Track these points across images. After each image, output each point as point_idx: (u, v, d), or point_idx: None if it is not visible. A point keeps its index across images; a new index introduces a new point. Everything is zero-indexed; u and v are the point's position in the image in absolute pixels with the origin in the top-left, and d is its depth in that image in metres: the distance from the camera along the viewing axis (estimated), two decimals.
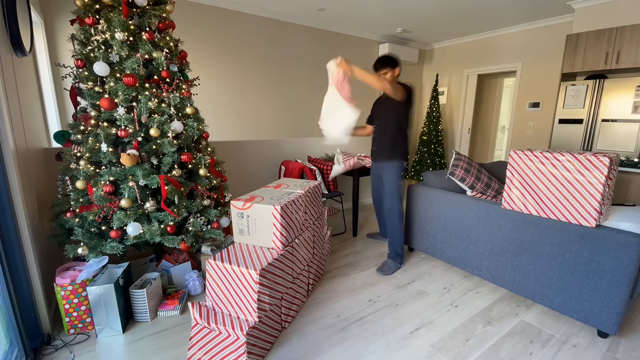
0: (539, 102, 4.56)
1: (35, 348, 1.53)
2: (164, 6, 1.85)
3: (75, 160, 1.79)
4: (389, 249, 2.46)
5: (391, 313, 1.92)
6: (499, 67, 4.96)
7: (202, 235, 1.96)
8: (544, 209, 1.83)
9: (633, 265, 1.52)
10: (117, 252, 1.71)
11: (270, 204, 1.67)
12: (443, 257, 2.42)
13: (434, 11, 4.05)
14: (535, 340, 1.70)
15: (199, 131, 1.98)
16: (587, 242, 1.66)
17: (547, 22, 4.29)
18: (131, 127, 1.73)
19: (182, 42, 2.04)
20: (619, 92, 3.27)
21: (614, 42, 3.24)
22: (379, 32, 5.06)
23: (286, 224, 1.71)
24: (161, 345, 1.62)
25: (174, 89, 1.86)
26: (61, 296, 1.61)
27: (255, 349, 1.48)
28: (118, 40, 1.68)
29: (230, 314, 1.53)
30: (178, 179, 1.82)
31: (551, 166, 1.77)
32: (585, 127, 3.54)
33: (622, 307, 1.58)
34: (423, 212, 2.50)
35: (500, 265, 2.05)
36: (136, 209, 1.72)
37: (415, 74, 6.03)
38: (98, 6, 1.70)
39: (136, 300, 1.76)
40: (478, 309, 1.97)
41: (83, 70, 1.73)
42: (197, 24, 3.64)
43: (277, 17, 4.21)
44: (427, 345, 1.65)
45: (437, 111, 5.74)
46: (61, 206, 1.83)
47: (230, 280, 1.52)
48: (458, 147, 5.79)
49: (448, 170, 2.39)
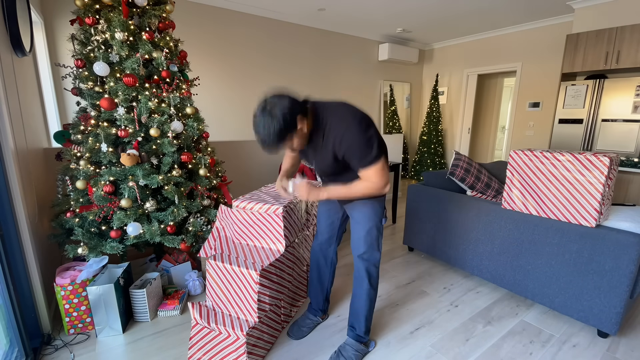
0: (539, 102, 4.56)
1: (35, 348, 1.53)
2: (164, 6, 1.85)
3: (75, 160, 1.79)
4: (355, 324, 1.55)
5: (391, 313, 1.92)
6: (499, 67, 4.96)
7: (202, 235, 1.96)
8: (544, 209, 1.83)
9: (633, 265, 1.52)
10: (117, 252, 1.71)
11: (272, 205, 1.67)
12: (443, 257, 2.42)
13: (434, 11, 4.05)
14: (535, 340, 1.70)
15: (199, 131, 1.98)
16: (587, 242, 1.66)
17: (547, 22, 4.29)
18: (131, 127, 1.73)
19: (182, 42, 2.03)
20: (619, 92, 3.27)
21: (614, 42, 3.24)
22: (379, 32, 5.06)
23: (288, 224, 1.71)
24: (161, 345, 1.62)
25: (174, 89, 1.86)
26: (61, 296, 1.61)
27: (256, 349, 1.48)
28: (118, 40, 1.68)
29: (230, 314, 1.53)
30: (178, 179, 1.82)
31: (551, 166, 1.77)
32: (585, 127, 3.54)
33: (622, 307, 1.58)
34: (423, 212, 2.50)
35: (500, 265, 2.05)
36: (136, 209, 1.72)
37: (415, 74, 6.03)
38: (98, 6, 1.70)
39: (136, 300, 1.76)
40: (478, 308, 1.97)
41: (83, 70, 1.73)
42: (197, 24, 3.64)
43: (277, 17, 4.21)
44: (427, 345, 1.65)
45: (437, 111, 5.74)
46: (61, 206, 1.83)
47: (231, 280, 1.52)
48: (458, 147, 5.79)
49: (448, 170, 2.39)
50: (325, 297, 1.77)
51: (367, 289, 1.50)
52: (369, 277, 1.49)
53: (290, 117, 1.15)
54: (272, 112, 1.14)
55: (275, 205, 1.66)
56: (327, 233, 1.66)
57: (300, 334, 1.70)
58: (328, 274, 1.73)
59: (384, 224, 1.51)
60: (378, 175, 1.27)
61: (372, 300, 1.53)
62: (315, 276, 1.74)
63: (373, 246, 1.48)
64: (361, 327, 1.54)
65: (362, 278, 1.50)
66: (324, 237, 1.68)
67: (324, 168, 1.38)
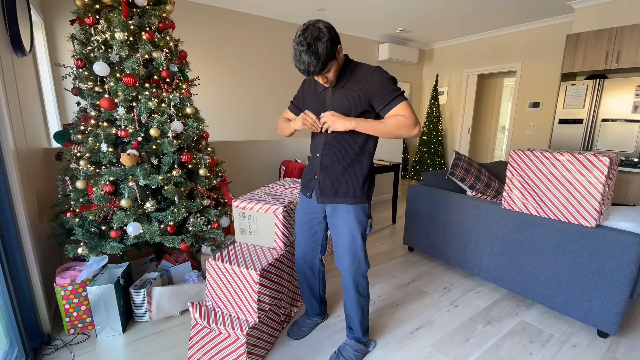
0: (539, 102, 4.56)
1: (35, 348, 1.53)
2: (164, 6, 1.85)
3: (75, 160, 1.79)
4: (352, 326, 1.54)
5: (391, 313, 1.92)
6: (499, 67, 4.96)
7: (202, 235, 1.96)
8: (544, 209, 1.83)
9: (633, 265, 1.52)
10: (117, 252, 1.71)
11: (272, 205, 1.67)
12: (443, 257, 2.42)
13: (434, 11, 4.05)
14: (535, 340, 1.70)
15: (199, 131, 1.98)
16: (587, 242, 1.66)
17: (547, 22, 4.29)
18: (131, 127, 1.73)
19: (182, 42, 2.03)
20: (619, 92, 3.27)
21: (614, 42, 3.24)
22: (379, 32, 5.06)
23: (288, 224, 1.72)
24: (161, 345, 1.62)
25: (174, 89, 1.86)
26: (61, 296, 1.61)
27: (256, 349, 1.48)
28: (118, 40, 1.68)
29: (230, 314, 1.53)
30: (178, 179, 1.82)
31: (551, 166, 1.77)
32: (585, 127, 3.54)
33: (622, 307, 1.58)
34: (423, 212, 2.50)
35: (500, 265, 2.05)
36: (136, 209, 1.72)
37: (415, 74, 6.03)
38: (98, 6, 1.70)
39: (136, 300, 1.76)
40: (478, 308, 1.97)
41: (83, 70, 1.73)
42: (197, 24, 3.64)
43: (277, 17, 4.21)
44: (427, 345, 1.65)
45: (437, 111, 5.74)
46: (61, 206, 1.83)
47: (231, 280, 1.52)
48: (458, 147, 5.79)
49: (448, 170, 2.38)
50: (319, 302, 1.73)
51: (356, 298, 1.47)
52: (356, 286, 1.45)
53: (334, 40, 1.16)
54: (318, 35, 1.13)
55: (275, 205, 1.66)
56: (310, 244, 1.56)
57: (301, 334, 1.70)
58: (317, 283, 1.67)
59: (368, 233, 1.43)
60: (410, 110, 1.25)
61: (363, 307, 1.50)
62: (306, 288, 1.68)
63: (358, 256, 1.41)
64: (358, 331, 1.54)
65: (349, 288, 1.46)
66: (306, 249, 1.57)
67: (339, 111, 1.30)
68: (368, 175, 1.39)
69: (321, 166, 1.38)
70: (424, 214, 2.50)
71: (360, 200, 1.37)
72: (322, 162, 1.38)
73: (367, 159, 1.38)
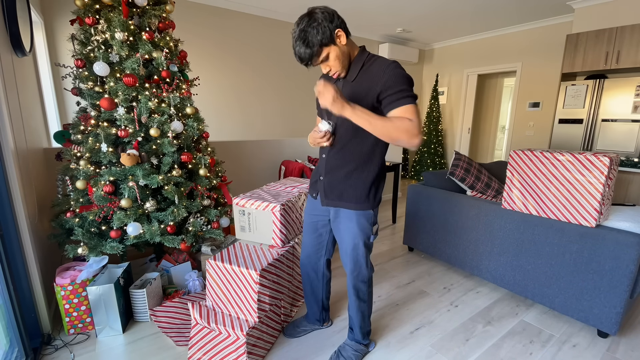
0: (539, 102, 4.56)
1: (35, 348, 1.53)
2: (164, 6, 1.85)
3: (75, 160, 1.79)
4: (353, 327, 1.54)
5: (391, 313, 1.92)
6: (499, 67, 4.96)
7: (202, 235, 1.96)
8: (544, 209, 1.83)
9: (633, 265, 1.52)
10: (117, 252, 1.71)
11: (270, 203, 1.67)
12: (443, 257, 2.42)
13: (434, 11, 4.05)
14: (535, 340, 1.70)
15: (199, 131, 1.98)
16: (587, 242, 1.66)
17: (547, 22, 4.29)
18: (131, 127, 1.73)
19: (182, 42, 2.03)
20: (619, 92, 3.27)
21: (614, 42, 3.24)
22: (379, 32, 5.06)
23: (286, 222, 1.72)
24: (161, 345, 1.62)
25: (174, 89, 1.86)
26: (61, 296, 1.61)
27: (256, 349, 1.48)
28: (118, 40, 1.68)
29: (230, 314, 1.53)
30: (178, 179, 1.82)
31: (551, 166, 1.77)
32: (585, 127, 3.54)
33: (622, 307, 1.58)
34: (423, 212, 2.50)
35: (500, 265, 2.05)
36: (136, 209, 1.72)
37: (415, 74, 6.04)
38: (98, 6, 1.70)
39: (136, 300, 1.76)
40: (478, 308, 1.97)
41: (83, 70, 1.73)
42: (197, 23, 3.64)
43: (277, 17, 4.21)
44: (427, 346, 1.65)
45: (437, 111, 5.74)
46: (61, 206, 1.83)
47: (230, 280, 1.52)
48: (458, 147, 5.79)
49: (448, 170, 2.38)
50: (321, 308, 1.69)
51: (356, 303, 1.46)
52: (357, 292, 1.44)
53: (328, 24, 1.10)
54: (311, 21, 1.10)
55: (273, 203, 1.66)
56: (314, 246, 1.54)
57: (294, 333, 1.69)
58: (321, 287, 1.63)
59: (372, 240, 1.39)
60: (417, 115, 1.12)
61: (363, 311, 1.48)
62: (309, 289, 1.65)
63: (359, 263, 1.39)
64: (358, 333, 1.53)
65: (351, 291, 1.46)
66: (310, 250, 1.55)
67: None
68: (375, 180, 1.32)
69: (326, 168, 1.35)
70: (424, 214, 2.50)
71: (364, 206, 1.31)
72: (327, 164, 1.34)
73: (376, 163, 1.31)
